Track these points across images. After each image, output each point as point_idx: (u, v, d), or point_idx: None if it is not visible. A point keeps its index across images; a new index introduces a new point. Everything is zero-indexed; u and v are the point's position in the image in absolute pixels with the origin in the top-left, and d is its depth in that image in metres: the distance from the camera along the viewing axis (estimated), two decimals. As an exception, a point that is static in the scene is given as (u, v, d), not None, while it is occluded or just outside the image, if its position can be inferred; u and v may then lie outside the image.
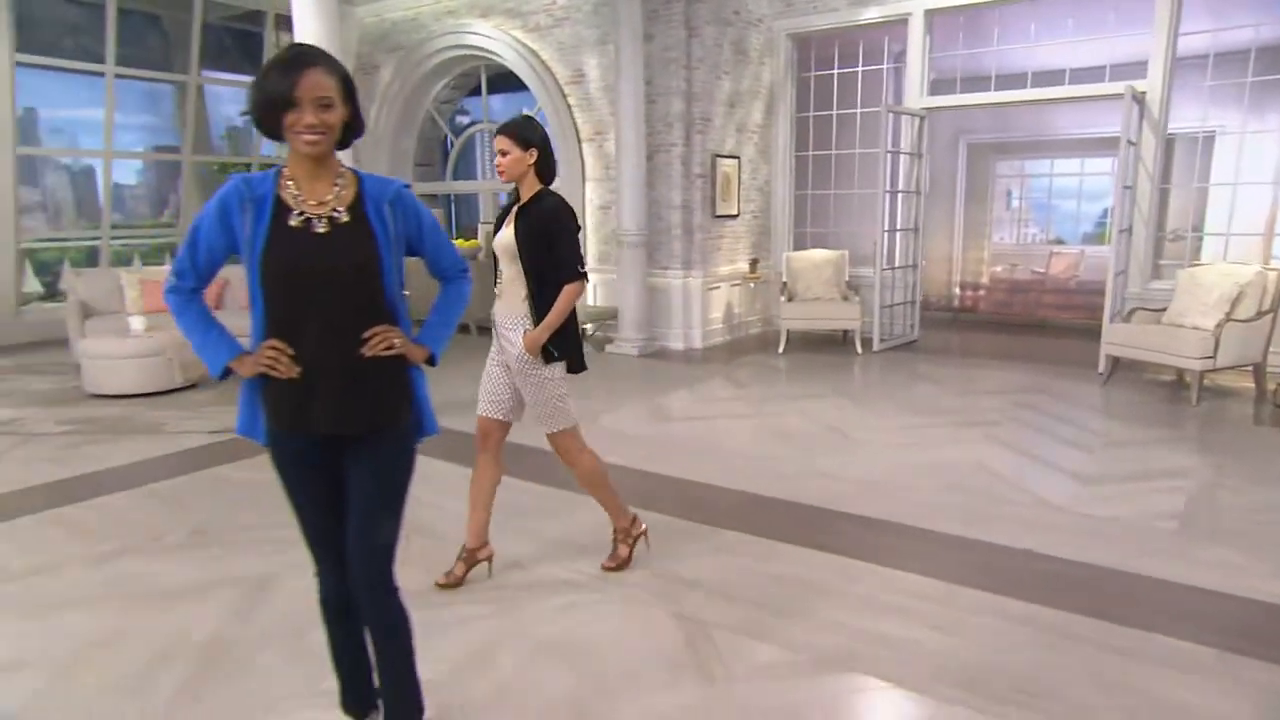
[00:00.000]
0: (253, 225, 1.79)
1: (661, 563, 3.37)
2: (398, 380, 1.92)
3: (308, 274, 1.79)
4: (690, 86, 7.93)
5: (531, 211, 2.91)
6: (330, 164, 1.82)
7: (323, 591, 2.04)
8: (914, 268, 8.55)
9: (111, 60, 8.70)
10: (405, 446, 1.97)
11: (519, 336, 2.96)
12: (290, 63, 1.71)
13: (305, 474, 1.93)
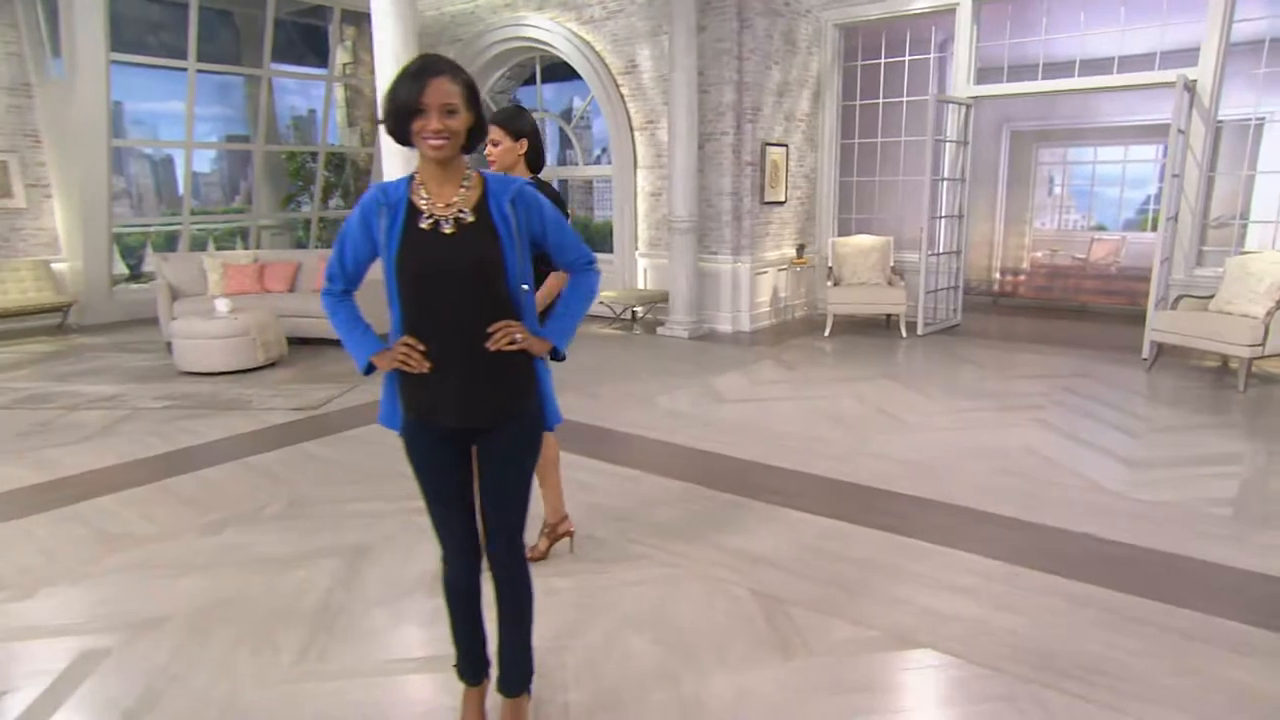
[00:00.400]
0: (388, 229, 1.86)
1: (730, 540, 3.43)
2: (522, 373, 1.95)
3: (436, 274, 1.86)
4: (741, 76, 7.87)
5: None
6: (456, 167, 1.87)
7: (448, 575, 2.11)
8: (958, 253, 8.44)
9: (193, 56, 8.85)
10: (531, 435, 2.01)
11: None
12: (418, 72, 1.77)
13: (437, 464, 2.01)
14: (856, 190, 9.21)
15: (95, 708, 2.34)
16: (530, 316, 1.94)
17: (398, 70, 1.85)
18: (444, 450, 1.99)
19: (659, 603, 2.91)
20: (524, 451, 2.00)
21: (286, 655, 2.60)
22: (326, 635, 2.72)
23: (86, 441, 4.88)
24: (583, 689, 2.38)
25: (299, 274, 8.15)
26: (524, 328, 1.91)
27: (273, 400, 5.72)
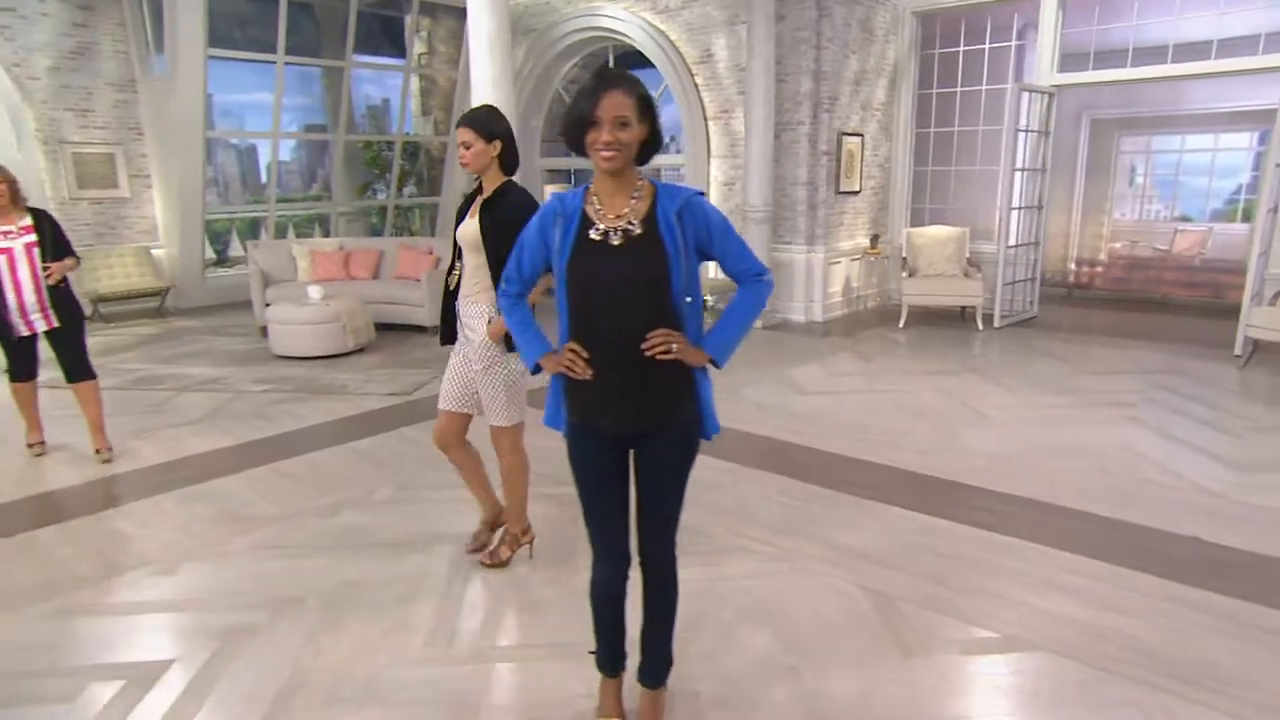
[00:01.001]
0: (561, 238, 1.93)
1: (829, 533, 3.44)
2: (679, 381, 1.95)
3: (602, 284, 1.90)
4: (819, 65, 7.77)
5: (497, 204, 2.79)
6: (628, 179, 1.90)
7: (596, 576, 2.16)
8: (1036, 245, 8.22)
9: (282, 50, 9.09)
10: (688, 443, 2.02)
11: (483, 325, 2.87)
12: (594, 85, 1.82)
13: (596, 468, 2.06)
14: (931, 180, 9.03)
15: (252, 681, 2.48)
16: (692, 328, 1.93)
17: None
18: (604, 454, 2.04)
19: (770, 596, 2.94)
20: (680, 458, 2.03)
21: (417, 637, 2.71)
22: (452, 619, 2.82)
23: (199, 423, 5.11)
24: (709, 681, 2.43)
25: (382, 261, 8.35)
26: (683, 338, 1.90)
27: (367, 385, 5.90)
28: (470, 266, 2.89)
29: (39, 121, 8.27)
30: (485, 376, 2.93)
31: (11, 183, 4.06)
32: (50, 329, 4.24)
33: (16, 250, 4.05)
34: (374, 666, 2.55)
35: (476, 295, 2.90)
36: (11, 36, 7.96)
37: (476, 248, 2.82)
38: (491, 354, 2.90)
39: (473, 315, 2.91)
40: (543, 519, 3.60)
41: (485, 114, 2.81)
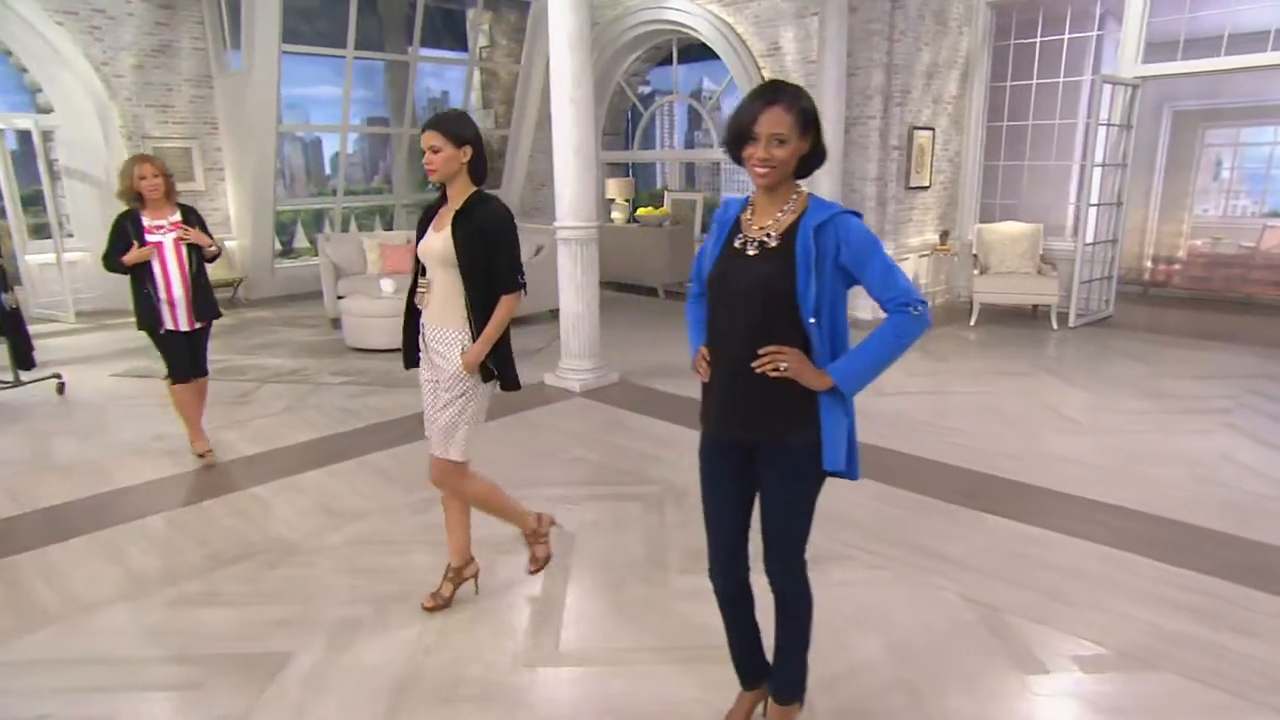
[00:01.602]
0: (713, 242, 1.95)
1: (925, 540, 3.37)
2: (790, 402, 1.87)
3: (730, 292, 1.89)
4: (891, 59, 7.60)
5: (472, 216, 2.54)
6: (782, 192, 1.86)
7: (715, 584, 2.15)
8: (1114, 242, 7.95)
9: (351, 45, 9.20)
10: (799, 467, 1.92)
11: (455, 353, 2.61)
12: (755, 99, 1.79)
13: (711, 472, 2.06)
14: (1002, 174, 8.78)
15: (367, 676, 2.51)
16: (822, 350, 1.85)
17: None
18: (720, 460, 2.03)
19: (875, 605, 2.89)
20: (790, 480, 1.95)
21: (523, 639, 2.72)
22: (556, 621, 2.83)
23: (285, 414, 5.21)
24: (827, 694, 2.39)
25: (449, 255, 8.42)
26: (799, 357, 1.83)
27: (442, 379, 5.94)
28: (440, 285, 2.60)
29: (123, 118, 8.51)
30: (451, 408, 2.65)
31: (167, 177, 4.04)
32: (190, 330, 4.17)
33: (167, 244, 4.01)
34: (485, 666, 2.56)
35: (447, 318, 2.61)
36: (100, 36, 8.19)
37: (448, 263, 2.55)
38: (464, 385, 2.63)
39: (443, 340, 2.63)
40: (632, 520, 3.60)
41: (455, 118, 2.57)
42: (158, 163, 4.00)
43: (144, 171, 3.94)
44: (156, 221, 4.01)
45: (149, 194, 3.95)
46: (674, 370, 6.20)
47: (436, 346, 2.66)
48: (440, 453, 2.72)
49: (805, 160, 1.83)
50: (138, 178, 3.93)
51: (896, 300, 1.82)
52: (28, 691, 2.46)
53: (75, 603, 2.96)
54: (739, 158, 1.85)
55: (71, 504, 3.85)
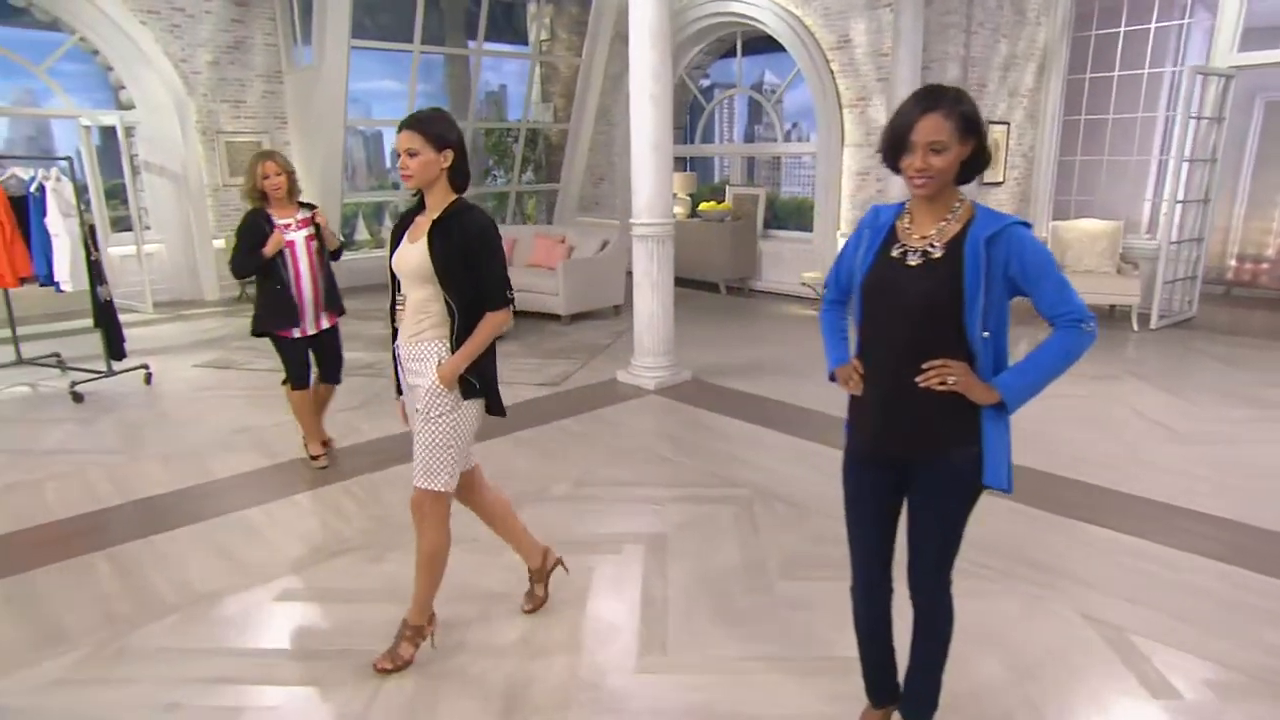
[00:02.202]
0: (865, 250, 1.88)
1: (1036, 553, 3.27)
2: (954, 416, 1.82)
3: (888, 304, 1.83)
4: (968, 51, 7.40)
5: (451, 227, 2.32)
6: (944, 200, 1.80)
7: (855, 607, 2.11)
8: (1199, 240, 7.65)
9: (418, 40, 9.27)
10: (958, 483, 1.87)
11: (430, 369, 2.38)
12: (912, 106, 1.72)
13: (858, 486, 2.01)
14: (1078, 170, 8.51)
15: (479, 677, 2.52)
16: (986, 363, 1.79)
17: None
18: (868, 474, 1.98)
19: (991, 620, 2.80)
20: (946, 496, 1.89)
21: (632, 644, 2.70)
22: (661, 627, 2.80)
23: (363, 407, 5.29)
24: (951, 713, 2.32)
25: (514, 249, 8.46)
26: (966, 370, 1.77)
27: (516, 375, 5.97)
28: (416, 300, 2.39)
29: (199, 113, 8.70)
30: (429, 427, 2.39)
31: (290, 174, 3.89)
32: (319, 330, 4.04)
33: (298, 243, 3.87)
34: (597, 672, 2.55)
35: (424, 333, 2.40)
36: (180, 34, 8.39)
37: (424, 278, 2.34)
38: (441, 401, 2.38)
39: (419, 356, 2.41)
40: (724, 524, 3.56)
41: (436, 118, 2.32)
42: (279, 160, 3.86)
43: (266, 170, 3.81)
44: (284, 220, 3.88)
45: (272, 193, 3.83)
46: (745, 368, 6.15)
47: (410, 364, 2.43)
48: (423, 483, 2.43)
49: (967, 165, 1.76)
50: (261, 176, 3.80)
51: (1069, 317, 1.75)
52: (156, 679, 2.51)
53: (190, 592, 3.02)
54: (896, 167, 1.79)
55: (172, 494, 3.95)
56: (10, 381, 5.79)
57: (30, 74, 8.26)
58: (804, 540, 3.40)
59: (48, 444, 4.64)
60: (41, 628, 2.80)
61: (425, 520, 2.50)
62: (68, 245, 5.43)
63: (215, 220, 9.07)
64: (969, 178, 1.79)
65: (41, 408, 5.31)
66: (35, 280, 5.64)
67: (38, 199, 5.40)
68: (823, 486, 3.95)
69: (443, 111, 2.36)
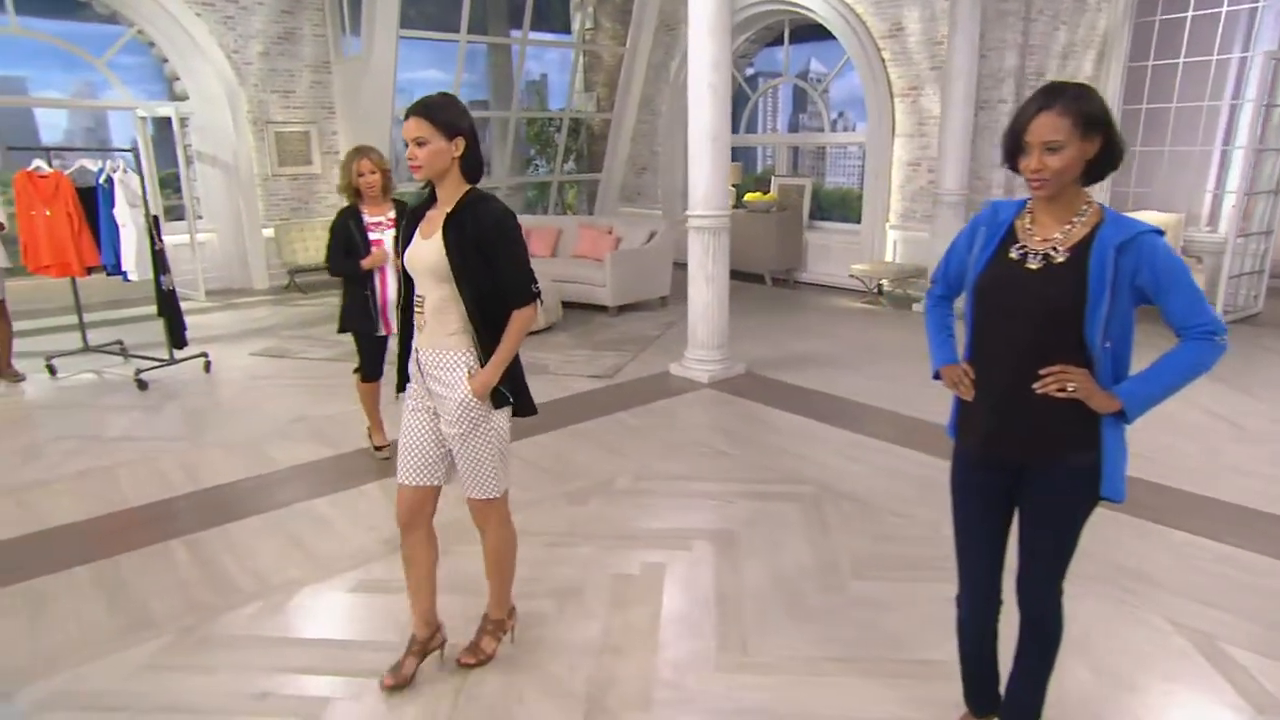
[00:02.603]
0: (980, 248, 1.84)
1: (1112, 556, 3.19)
2: (1071, 423, 1.76)
3: (1005, 306, 1.78)
4: (1026, 39, 7.22)
5: (466, 220, 2.17)
6: (1068, 201, 1.73)
7: (960, 614, 2.07)
8: (1268, 234, 7.42)
9: (464, 29, 9.28)
10: (1073, 492, 1.81)
11: (459, 379, 2.24)
12: (1028, 105, 1.67)
13: (966, 490, 1.97)
14: (1136, 160, 8.28)
15: (561, 674, 2.52)
16: (1101, 370, 1.73)
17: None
18: (976, 477, 1.94)
19: (1076, 627, 2.71)
20: (1062, 502, 1.84)
21: (712, 642, 2.68)
22: (737, 625, 2.78)
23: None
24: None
25: (560, 240, 8.46)
26: (1086, 377, 1.71)
27: (568, 366, 5.98)
28: (435, 301, 2.23)
29: (250, 104, 8.81)
30: (468, 442, 2.28)
31: (386, 172, 3.79)
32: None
33: (387, 242, 3.78)
34: (677, 670, 2.54)
35: (447, 339, 2.24)
36: (233, 26, 8.49)
37: (440, 276, 2.19)
38: (475, 414, 2.25)
39: (443, 366, 2.25)
40: (791, 521, 3.53)
41: (445, 104, 2.15)
42: (375, 156, 3.75)
43: (362, 167, 3.72)
44: (374, 218, 3.81)
45: (367, 191, 3.76)
46: (797, 362, 6.09)
47: (436, 373, 2.27)
48: (478, 493, 2.36)
49: (1094, 165, 1.69)
50: (356, 174, 3.73)
51: (1202, 329, 1.68)
52: (243, 667, 2.56)
53: (267, 582, 3.07)
54: (1015, 168, 1.74)
55: (240, 483, 4.01)
56: (78, 368, 5.92)
57: (88, 67, 8.42)
58: (873, 539, 3.36)
59: (116, 430, 4.74)
60: (130, 612, 2.87)
61: (492, 522, 2.47)
62: (134, 235, 5.53)
63: (264, 209, 9.19)
64: (1098, 177, 1.72)
65: (108, 394, 5.42)
66: (103, 270, 5.75)
67: (106, 190, 5.50)
68: (886, 483, 3.91)
69: (452, 97, 2.20)
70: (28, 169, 5.37)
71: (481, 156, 2.25)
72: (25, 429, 4.77)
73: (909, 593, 2.97)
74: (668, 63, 10.59)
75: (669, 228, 8.23)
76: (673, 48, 10.46)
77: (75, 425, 4.82)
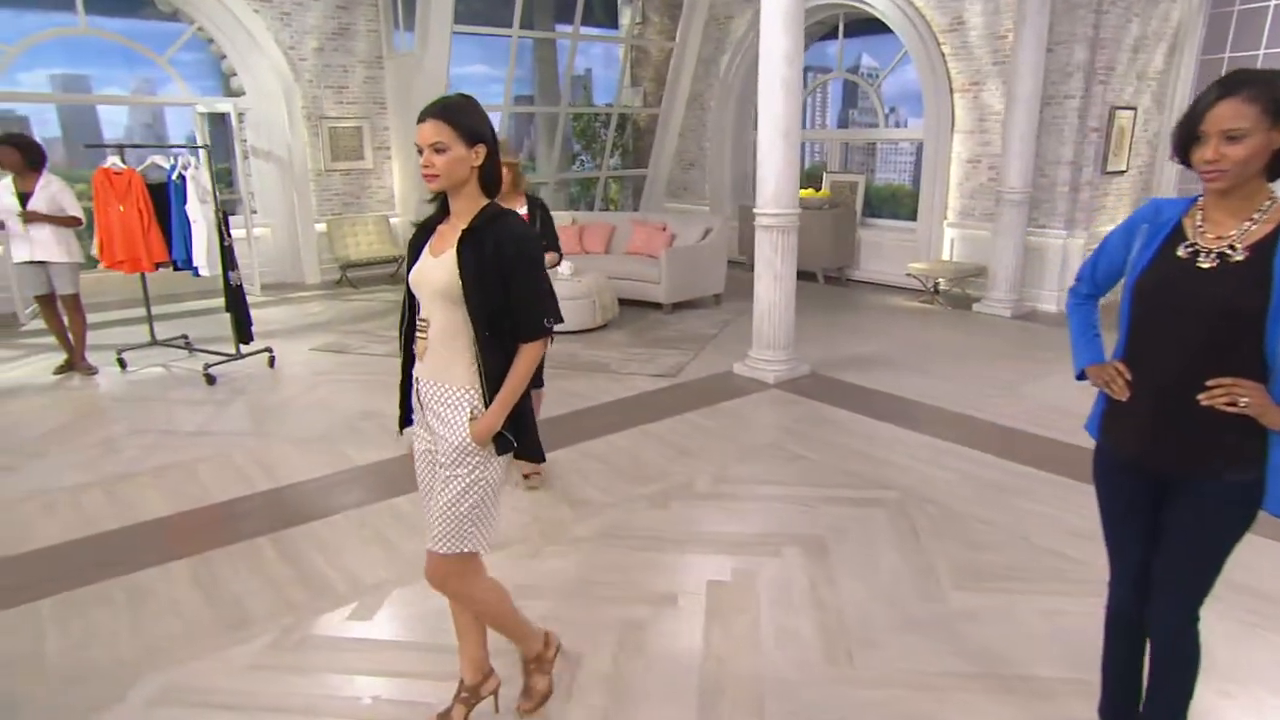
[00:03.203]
0: (1141, 247, 1.77)
1: (1241, 578, 3.06)
2: (1234, 434, 1.67)
3: (1171, 307, 1.70)
4: (1097, 32, 7.03)
5: (485, 238, 1.92)
6: (1247, 196, 1.64)
7: (1110, 603, 2.03)
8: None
9: (517, 24, 9.27)
10: (1230, 508, 1.73)
11: (459, 420, 1.99)
12: (1207, 93, 1.59)
13: (1112, 489, 1.94)
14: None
15: (666, 680, 2.49)
16: (1277, 382, 1.63)
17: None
18: (1123, 478, 1.89)
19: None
20: (1213, 522, 1.75)
21: (814, 652, 2.63)
22: (839, 632, 2.73)
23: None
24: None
25: (613, 236, 8.43)
26: (1260, 392, 1.62)
27: (629, 365, 5.94)
28: (440, 327, 1.98)
29: (305, 99, 8.87)
30: (452, 487, 2.01)
31: (513, 166, 3.51)
32: None
33: None
34: (786, 684, 2.48)
35: (450, 372, 2.00)
36: (289, 22, 8.55)
37: (451, 298, 1.94)
38: (473, 459, 2.01)
39: (444, 401, 2.01)
40: (880, 528, 3.45)
41: (468, 107, 1.93)
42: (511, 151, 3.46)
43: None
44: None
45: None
46: (860, 362, 6.00)
47: (436, 408, 2.03)
48: (441, 547, 2.04)
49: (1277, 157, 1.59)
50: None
51: None
52: (346, 669, 2.55)
53: (359, 582, 3.07)
54: (1187, 160, 1.66)
55: (318, 479, 4.03)
56: (146, 362, 6.01)
57: (146, 64, 8.54)
58: (967, 548, 3.28)
59: (190, 425, 4.79)
60: (228, 609, 2.88)
61: (462, 586, 2.14)
62: (204, 231, 5.59)
63: (317, 205, 9.26)
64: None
65: (178, 388, 5.49)
66: (173, 266, 5.82)
67: (179, 186, 5.56)
68: (966, 488, 3.82)
69: (473, 99, 1.98)
70: (105, 166, 5.44)
71: (500, 167, 2.03)
72: (103, 422, 4.84)
73: (1007, 604, 2.90)
74: (718, 58, 10.50)
75: (723, 224, 8.16)
76: (723, 42, 10.37)
77: (150, 419, 4.89)
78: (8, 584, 3.06)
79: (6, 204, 5.25)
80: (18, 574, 3.14)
